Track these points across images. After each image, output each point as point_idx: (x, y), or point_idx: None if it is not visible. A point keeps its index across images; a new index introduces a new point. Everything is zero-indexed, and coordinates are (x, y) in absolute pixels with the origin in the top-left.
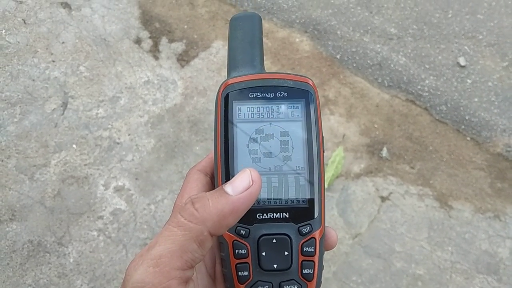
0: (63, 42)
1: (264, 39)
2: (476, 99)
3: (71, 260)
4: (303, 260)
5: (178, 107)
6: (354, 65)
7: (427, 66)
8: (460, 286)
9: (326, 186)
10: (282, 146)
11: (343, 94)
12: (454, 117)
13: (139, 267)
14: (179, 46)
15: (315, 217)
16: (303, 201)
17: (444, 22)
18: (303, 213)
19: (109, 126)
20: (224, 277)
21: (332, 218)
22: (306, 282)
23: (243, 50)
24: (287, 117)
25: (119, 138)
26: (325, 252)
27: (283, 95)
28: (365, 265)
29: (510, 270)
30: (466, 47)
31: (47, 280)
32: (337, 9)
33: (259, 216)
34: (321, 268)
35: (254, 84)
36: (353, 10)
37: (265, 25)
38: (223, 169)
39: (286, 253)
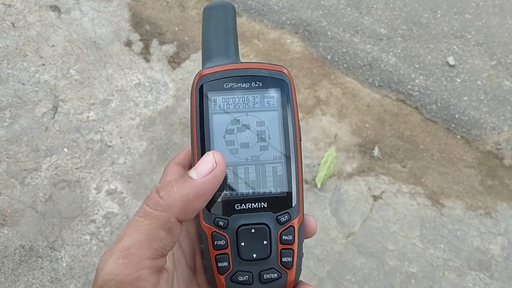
0: (53, 46)
1: (255, 41)
2: (465, 98)
3: (64, 264)
4: (282, 249)
5: (170, 109)
6: (345, 65)
7: (416, 66)
8: (453, 283)
9: (319, 186)
10: (259, 136)
11: (334, 94)
12: (444, 116)
13: (108, 260)
14: (170, 48)
15: (293, 205)
16: (280, 190)
17: (433, 22)
18: (281, 202)
19: (101, 129)
20: (205, 268)
21: (325, 218)
22: (286, 270)
23: (217, 40)
24: (263, 106)
25: (110, 141)
26: (320, 252)
27: (258, 84)
28: (359, 264)
29: (502, 266)
30: (455, 47)
31: (39, 285)
32: (327, 10)
33: (237, 206)
34: (300, 256)
35: (229, 74)
36: (343, 11)
37: (256, 26)
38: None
39: (265, 242)
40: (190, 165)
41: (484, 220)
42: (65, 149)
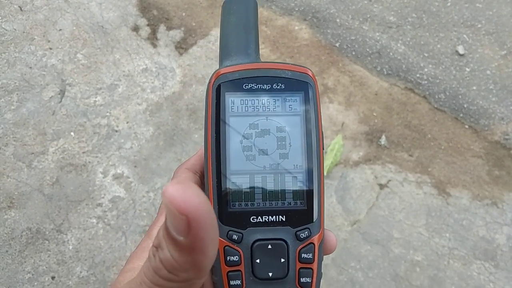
0: (60, 30)
1: (263, 27)
2: (474, 88)
3: (70, 247)
4: (300, 268)
5: (177, 95)
6: (353, 53)
7: (426, 55)
8: (458, 272)
9: (325, 173)
10: (279, 143)
11: (342, 82)
12: (452, 105)
13: None
14: (177, 34)
15: (314, 220)
16: (301, 203)
17: (443, 10)
18: (301, 216)
19: (107, 114)
20: (215, 285)
21: (331, 205)
22: None
23: (236, 37)
24: (285, 111)
25: (117, 126)
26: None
27: (280, 86)
28: (364, 251)
29: (507, 256)
30: (465, 36)
31: (46, 267)
32: None
33: (253, 219)
34: (319, 276)
35: (249, 74)
36: None
37: (264, 12)
38: (214, 167)
39: (282, 260)
40: (202, 171)
41: (490, 210)
42: (72, 133)
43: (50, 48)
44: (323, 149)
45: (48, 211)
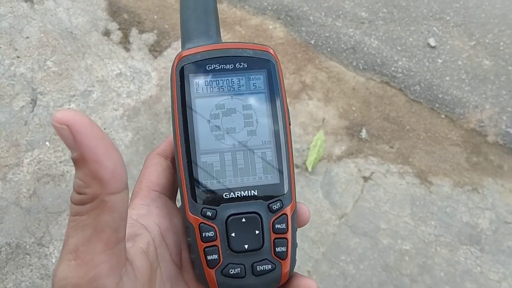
0: (27, 37)
1: (237, 27)
2: (447, 78)
3: (53, 260)
4: (275, 238)
5: (154, 98)
6: (329, 49)
7: (399, 48)
8: (445, 258)
9: (309, 169)
10: (246, 121)
11: (319, 79)
12: (428, 96)
13: (60, 265)
14: (150, 37)
15: (285, 192)
16: (271, 176)
17: (412, 4)
18: (272, 189)
19: None
20: (192, 263)
21: (318, 201)
22: (280, 260)
23: (196, 20)
24: (249, 89)
25: None
26: (314, 234)
27: (243, 65)
28: (353, 244)
29: (491, 239)
30: (435, 28)
31: (29, 283)
32: None
33: (225, 195)
34: (294, 245)
35: (211, 55)
36: None
37: (237, 12)
38: (183, 149)
39: (257, 232)
40: (173, 156)
41: (471, 196)
42: (47, 143)
43: (18, 57)
44: (289, 124)
45: (27, 224)
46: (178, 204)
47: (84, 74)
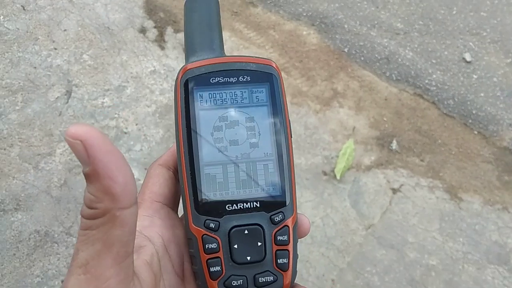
0: (65, 30)
1: (271, 31)
2: (482, 94)
3: None
4: (277, 250)
5: None
6: (362, 58)
7: (433, 61)
8: (472, 276)
9: (338, 177)
10: (248, 133)
11: (351, 87)
12: (461, 111)
13: (69, 280)
14: None
15: (286, 204)
16: (273, 188)
17: (449, 18)
18: (274, 201)
19: (116, 115)
20: (195, 274)
21: (345, 209)
22: (282, 272)
23: (200, 34)
24: (252, 102)
25: (126, 128)
26: (340, 243)
27: (246, 79)
28: (379, 256)
29: None
30: (471, 43)
31: (56, 271)
32: (343, 3)
33: (228, 207)
34: (295, 257)
35: (215, 68)
36: (359, 5)
37: (272, 17)
38: (187, 161)
39: (259, 243)
40: (175, 166)
41: (501, 215)
42: None
43: (55, 49)
44: (291, 136)
45: (57, 213)
46: (180, 213)
47: (119, 69)
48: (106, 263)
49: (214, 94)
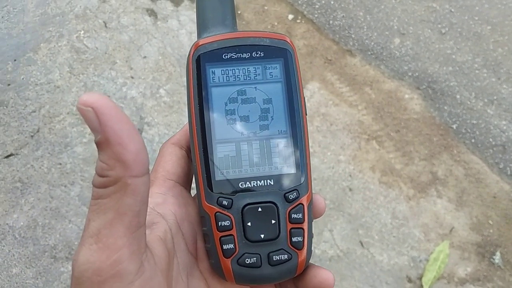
0: (144, 57)
1: (366, 88)
2: None
3: None
4: (291, 228)
5: None
6: (473, 140)
7: None
8: None
9: None
10: (262, 110)
11: (455, 174)
12: None
13: (81, 249)
14: None
15: (301, 182)
16: (287, 166)
17: None
18: (289, 178)
19: None
20: (208, 253)
21: None
22: (296, 251)
23: (212, 10)
24: (266, 78)
25: None
26: None
27: (260, 54)
28: None
29: None
30: None
31: None
32: (458, 68)
33: (241, 185)
34: (310, 236)
35: (228, 43)
36: (477, 72)
37: (370, 71)
38: (199, 138)
39: (273, 221)
40: (188, 145)
41: None
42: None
43: (132, 77)
44: (306, 113)
45: None
46: (193, 193)
47: None
48: (118, 232)
49: (227, 71)
